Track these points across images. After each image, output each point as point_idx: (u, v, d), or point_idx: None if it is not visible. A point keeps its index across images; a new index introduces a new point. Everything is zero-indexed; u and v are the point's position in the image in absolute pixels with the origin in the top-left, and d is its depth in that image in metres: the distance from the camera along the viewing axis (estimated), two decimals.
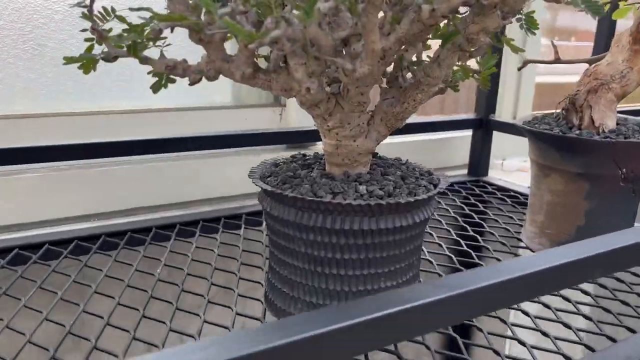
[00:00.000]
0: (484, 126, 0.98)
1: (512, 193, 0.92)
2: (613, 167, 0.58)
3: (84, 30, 0.40)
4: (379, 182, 0.44)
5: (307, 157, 0.52)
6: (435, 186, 0.46)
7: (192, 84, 0.41)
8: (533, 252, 0.65)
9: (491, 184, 0.97)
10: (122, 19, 0.40)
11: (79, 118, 0.78)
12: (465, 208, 0.83)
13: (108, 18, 0.40)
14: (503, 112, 1.20)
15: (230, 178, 0.84)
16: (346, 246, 0.42)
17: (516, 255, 0.67)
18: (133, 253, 0.65)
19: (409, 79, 0.44)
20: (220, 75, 0.40)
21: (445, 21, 0.41)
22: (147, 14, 0.35)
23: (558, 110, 0.67)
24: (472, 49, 0.42)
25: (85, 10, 0.39)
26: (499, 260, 0.65)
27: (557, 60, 0.73)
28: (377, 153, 0.51)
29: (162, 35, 0.36)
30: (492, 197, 0.91)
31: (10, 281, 0.56)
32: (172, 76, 0.40)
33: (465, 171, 1.05)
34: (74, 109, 0.79)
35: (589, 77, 0.63)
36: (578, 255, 0.35)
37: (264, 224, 0.70)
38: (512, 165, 1.13)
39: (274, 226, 0.45)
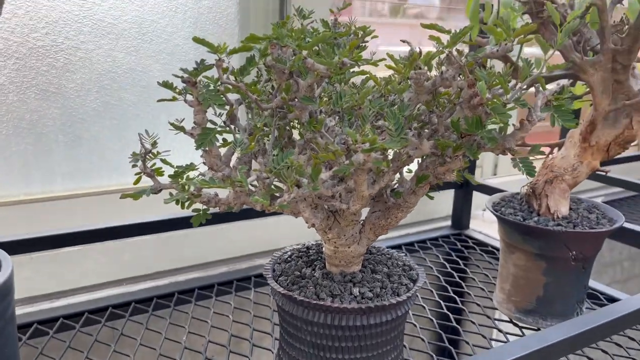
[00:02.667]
0: (464, 187, 1.10)
1: (489, 248, 1.03)
2: (565, 250, 0.69)
3: (134, 166, 0.51)
4: (369, 282, 0.55)
5: (311, 252, 0.63)
6: (414, 282, 0.57)
7: (221, 212, 0.52)
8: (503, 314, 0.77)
9: (472, 238, 1.08)
10: (165, 162, 0.51)
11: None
12: (447, 266, 0.95)
13: (152, 156, 0.52)
14: (485, 166, 1.31)
15: (238, 241, 0.95)
16: (343, 336, 0.53)
17: (488, 317, 0.79)
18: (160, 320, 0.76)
19: (391, 200, 0.56)
20: None
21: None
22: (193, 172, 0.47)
23: (524, 189, 0.78)
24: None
25: (138, 155, 0.50)
26: (473, 322, 0.76)
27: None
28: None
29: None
30: (472, 253, 1.02)
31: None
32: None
33: (449, 222, 1.16)
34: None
35: (546, 169, 0.75)
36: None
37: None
38: (492, 217, 1.24)
39: (285, 316, 0.56)
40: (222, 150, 0.52)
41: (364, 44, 0.62)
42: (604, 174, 0.75)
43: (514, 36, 0.45)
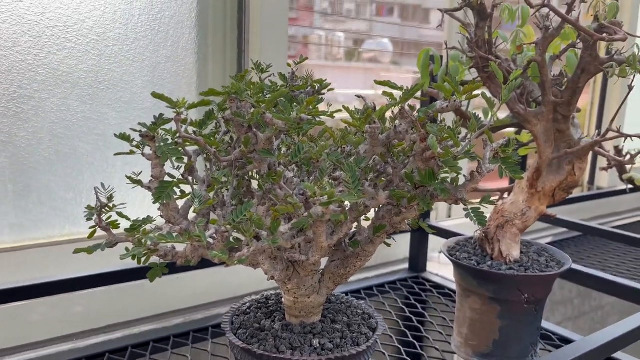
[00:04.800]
0: (420, 230, 1.12)
1: (446, 291, 1.05)
2: (518, 293, 0.71)
3: (89, 219, 0.50)
4: (329, 333, 0.55)
5: (270, 302, 0.62)
6: (374, 330, 0.57)
7: (179, 265, 0.51)
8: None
9: (429, 281, 1.10)
10: (121, 215, 0.50)
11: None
12: (406, 310, 0.95)
13: (108, 210, 0.51)
14: (440, 209, 1.35)
15: (195, 290, 0.93)
16: None
17: None
18: None
19: (350, 249, 0.56)
20: None
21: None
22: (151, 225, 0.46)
23: (478, 233, 0.81)
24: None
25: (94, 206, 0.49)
26: None
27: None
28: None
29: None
30: (430, 296, 1.04)
31: None
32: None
33: (407, 265, 1.17)
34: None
35: (497, 214, 0.78)
36: None
37: None
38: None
39: None
40: (180, 202, 0.52)
41: (320, 97, 0.64)
42: (551, 218, 0.79)
43: (462, 93, 0.48)
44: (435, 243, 1.20)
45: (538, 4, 0.58)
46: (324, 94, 0.67)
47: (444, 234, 1.07)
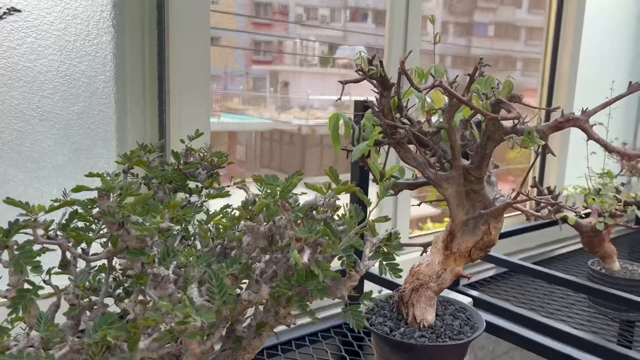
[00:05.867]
0: None
1: None
2: None
3: None
4: None
5: None
6: None
7: None
8: None
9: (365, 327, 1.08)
10: None
11: None
12: None
13: None
14: None
15: None
16: None
17: None
18: None
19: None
20: None
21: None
22: None
23: (397, 293, 0.80)
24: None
25: None
26: None
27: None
28: None
29: None
30: (365, 346, 1.02)
31: None
32: None
33: (340, 309, 1.16)
34: None
35: (412, 277, 0.77)
36: None
37: None
38: None
39: None
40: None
41: (217, 171, 0.62)
42: (467, 279, 0.78)
43: (336, 193, 0.46)
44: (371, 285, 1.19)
45: (428, 86, 0.57)
46: (223, 167, 0.65)
47: (376, 279, 1.06)
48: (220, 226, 0.49)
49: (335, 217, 0.51)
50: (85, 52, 0.85)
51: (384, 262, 0.48)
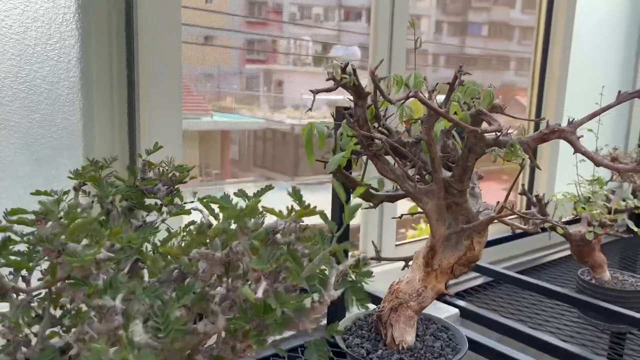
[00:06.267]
0: None
1: None
2: None
3: None
4: None
5: None
6: None
7: None
8: None
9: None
10: None
11: None
12: None
13: None
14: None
15: None
16: None
17: None
18: None
19: None
20: None
21: None
22: None
23: (376, 313, 0.76)
24: None
25: None
26: None
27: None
28: None
29: None
30: None
31: None
32: None
33: (324, 321, 1.12)
34: None
35: (391, 295, 0.73)
36: None
37: None
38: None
39: None
40: None
41: (177, 187, 0.58)
42: (449, 295, 0.74)
43: (298, 217, 0.42)
44: None
45: (402, 97, 0.53)
46: (185, 182, 0.61)
47: None
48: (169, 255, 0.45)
49: (306, 237, 0.47)
50: (47, 57, 0.80)
51: (350, 291, 0.44)
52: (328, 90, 0.60)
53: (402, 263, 0.80)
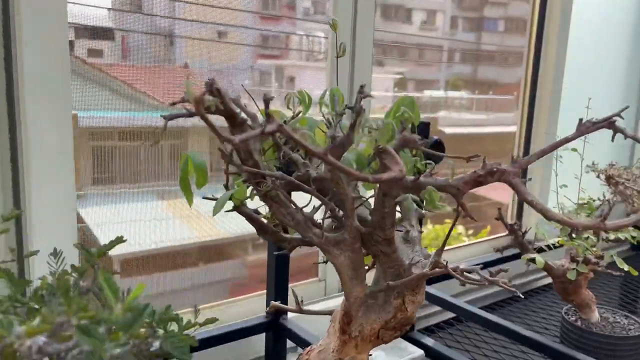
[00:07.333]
0: (272, 329, 0.92)
1: None
2: None
3: None
4: None
5: None
6: None
7: None
8: None
9: None
10: None
11: None
12: None
13: None
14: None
15: None
16: None
17: None
18: None
19: None
20: None
21: None
22: None
23: None
24: None
25: None
26: None
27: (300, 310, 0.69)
28: None
29: None
30: None
31: None
32: None
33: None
34: None
35: None
36: None
37: None
38: None
39: None
40: None
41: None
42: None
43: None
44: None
45: (272, 129, 0.37)
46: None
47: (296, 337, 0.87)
48: None
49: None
50: None
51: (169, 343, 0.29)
52: (189, 115, 0.45)
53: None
